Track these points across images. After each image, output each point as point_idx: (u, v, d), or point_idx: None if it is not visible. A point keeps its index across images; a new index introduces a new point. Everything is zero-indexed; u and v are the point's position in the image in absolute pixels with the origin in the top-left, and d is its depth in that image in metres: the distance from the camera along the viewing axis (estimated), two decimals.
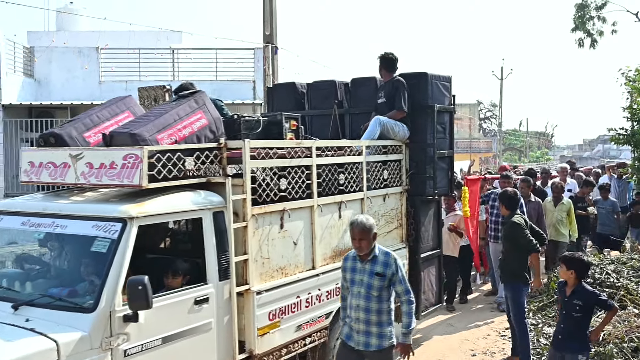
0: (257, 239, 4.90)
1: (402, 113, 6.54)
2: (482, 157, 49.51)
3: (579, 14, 26.21)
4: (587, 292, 5.23)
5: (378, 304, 4.55)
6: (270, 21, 12.47)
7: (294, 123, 5.47)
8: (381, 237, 6.33)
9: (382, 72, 6.77)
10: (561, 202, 9.93)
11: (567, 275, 5.25)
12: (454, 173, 7.21)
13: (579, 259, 5.29)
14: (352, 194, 5.93)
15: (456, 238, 9.10)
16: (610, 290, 7.44)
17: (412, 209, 6.78)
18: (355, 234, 4.50)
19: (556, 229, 9.84)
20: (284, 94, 7.55)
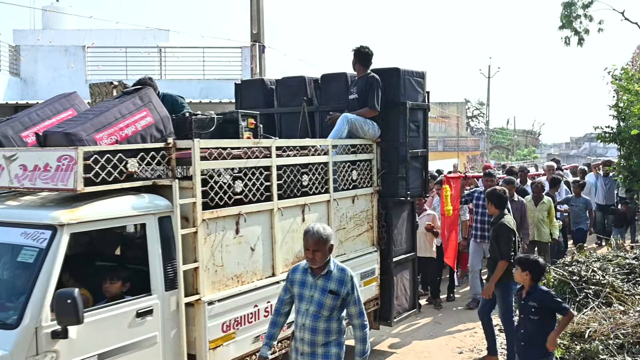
0: (209, 245, 4.51)
1: (373, 112, 6.17)
2: (469, 155, 49.32)
3: (566, 12, 26.02)
4: (541, 292, 5.00)
5: (327, 323, 4.01)
6: (257, 20, 12.30)
7: (252, 121, 5.08)
8: (350, 241, 5.99)
9: (356, 66, 6.37)
10: (542, 201, 9.71)
11: (523, 277, 5.07)
12: (428, 173, 6.83)
13: (534, 261, 5.08)
14: (317, 196, 5.56)
15: (432, 238, 8.76)
16: (596, 287, 7.36)
17: (383, 210, 6.41)
18: (309, 244, 3.96)
19: (538, 228, 9.64)
20: (253, 91, 7.16)
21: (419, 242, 8.58)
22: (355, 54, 6.32)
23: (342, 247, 5.91)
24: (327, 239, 3.97)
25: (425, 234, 8.62)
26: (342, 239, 5.91)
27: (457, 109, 52.39)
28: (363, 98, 6.18)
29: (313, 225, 4.05)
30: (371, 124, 6.17)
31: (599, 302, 7.03)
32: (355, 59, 6.32)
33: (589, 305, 7.00)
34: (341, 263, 4.25)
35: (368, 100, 6.16)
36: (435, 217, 8.81)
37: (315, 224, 4.10)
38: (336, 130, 5.97)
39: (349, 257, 5.95)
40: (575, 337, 6.32)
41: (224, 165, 4.63)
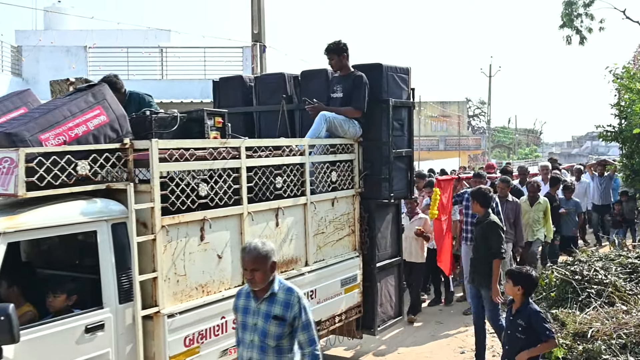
0: (169, 253, 4.17)
1: (357, 112, 5.82)
2: (470, 154, 48.93)
3: (567, 11, 25.83)
4: (531, 311, 4.61)
5: (277, 356, 3.46)
6: (258, 19, 12.17)
7: (220, 120, 4.73)
8: (329, 246, 5.64)
9: (333, 62, 5.97)
10: (537, 202, 9.38)
11: (514, 292, 4.72)
12: (413, 174, 6.47)
13: (527, 274, 4.70)
14: (293, 199, 5.20)
15: (422, 243, 8.38)
16: (598, 287, 7.24)
17: (366, 213, 6.05)
18: (247, 263, 3.44)
19: (532, 229, 9.32)
20: (231, 88, 6.80)
21: (410, 247, 8.23)
22: (330, 50, 5.93)
23: (321, 253, 5.56)
24: (266, 256, 3.44)
25: (415, 239, 8.26)
26: (321, 244, 5.56)
27: (458, 108, 51.99)
28: (348, 98, 5.83)
29: (251, 241, 3.56)
30: (352, 123, 5.82)
31: (601, 302, 6.91)
32: (332, 55, 5.94)
33: (591, 305, 6.89)
34: (287, 281, 3.71)
35: (353, 99, 5.80)
36: (427, 221, 8.43)
37: (254, 239, 3.62)
38: (313, 129, 5.62)
39: (328, 263, 5.61)
40: (578, 337, 6.20)
41: (187, 167, 4.29)
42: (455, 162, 38.39)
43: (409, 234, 8.24)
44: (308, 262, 5.39)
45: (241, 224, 4.71)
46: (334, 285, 5.67)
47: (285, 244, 5.14)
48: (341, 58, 5.93)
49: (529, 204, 9.37)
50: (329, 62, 6.00)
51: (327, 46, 5.92)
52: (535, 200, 9.41)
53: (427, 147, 46.46)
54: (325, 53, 5.94)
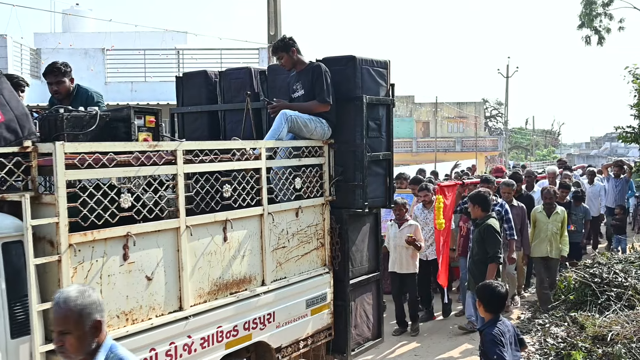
0: (81, 276, 3.47)
1: (324, 106, 5.09)
2: (487, 155, 47.79)
3: (586, 11, 25.16)
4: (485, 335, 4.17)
5: None
6: (274, 21, 11.91)
7: (152, 119, 4.02)
8: (293, 262, 4.90)
9: (284, 61, 5.26)
10: (555, 212, 8.27)
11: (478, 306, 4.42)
12: (392, 180, 5.70)
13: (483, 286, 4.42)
14: (245, 210, 4.48)
15: (414, 252, 7.60)
16: (618, 290, 7.15)
17: (337, 224, 5.30)
18: (54, 322, 2.44)
19: (551, 243, 8.17)
20: (195, 85, 6.10)
21: (400, 257, 7.49)
22: (280, 48, 5.22)
23: (282, 270, 4.83)
24: (81, 313, 2.38)
25: (406, 248, 7.49)
26: (282, 259, 4.83)
27: (475, 109, 50.87)
28: (311, 93, 5.10)
29: (64, 290, 2.47)
30: (318, 122, 5.09)
31: (621, 305, 6.81)
32: (282, 54, 5.22)
33: (610, 308, 6.81)
34: (123, 350, 2.56)
35: (316, 92, 5.08)
36: (418, 229, 7.68)
37: (70, 286, 2.56)
38: (273, 130, 4.89)
39: (290, 281, 4.87)
40: (597, 341, 6.12)
41: (104, 175, 3.59)
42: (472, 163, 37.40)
43: (399, 242, 7.51)
44: (265, 281, 4.66)
45: (177, 239, 4.00)
46: (297, 306, 4.94)
47: (235, 261, 4.42)
48: (291, 54, 5.22)
49: (545, 214, 8.31)
50: (280, 62, 5.28)
51: (272, 46, 5.23)
52: (552, 210, 8.30)
53: (444, 149, 45.47)
54: (273, 54, 5.25)
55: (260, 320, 4.59)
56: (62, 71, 5.03)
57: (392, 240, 7.70)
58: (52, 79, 5.02)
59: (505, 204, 7.84)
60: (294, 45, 5.24)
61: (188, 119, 6.09)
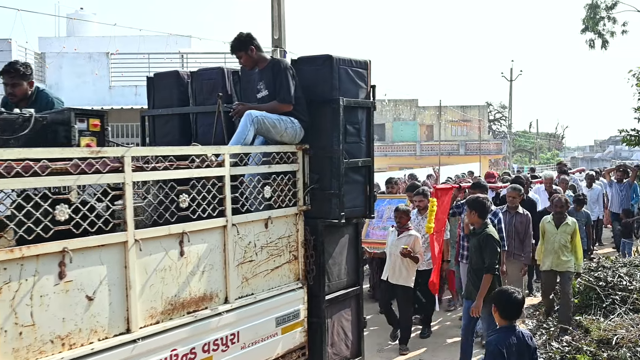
0: (7, 297, 3.06)
1: (285, 106, 4.67)
2: (491, 159, 47.26)
3: (590, 15, 24.85)
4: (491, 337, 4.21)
5: None
6: (278, 25, 11.62)
7: (96, 122, 3.61)
8: (261, 277, 4.49)
9: (243, 60, 4.86)
10: (565, 222, 7.45)
11: (497, 317, 4.33)
12: (373, 188, 5.27)
13: (499, 292, 4.45)
14: (205, 222, 4.06)
15: (411, 264, 7.08)
16: (623, 293, 7.11)
17: (312, 236, 4.87)
18: None
19: (558, 256, 7.36)
20: (166, 86, 5.69)
21: (394, 266, 7.03)
22: (238, 47, 4.80)
23: (249, 286, 4.40)
24: None
25: (402, 259, 6.99)
26: (249, 274, 4.40)
27: (478, 112, 50.32)
28: (274, 93, 4.69)
29: None
30: (288, 122, 4.66)
31: (626, 309, 6.77)
32: (241, 53, 4.81)
33: (615, 312, 6.77)
34: None
35: (277, 90, 4.66)
36: (418, 240, 7.12)
37: None
38: (238, 133, 4.47)
39: (258, 297, 4.45)
40: (602, 344, 6.08)
41: (35, 184, 3.18)
42: (476, 166, 36.84)
43: (394, 251, 7.04)
44: (229, 298, 4.24)
45: (125, 254, 3.58)
46: (266, 324, 4.51)
47: (194, 277, 4.00)
48: (250, 52, 4.81)
49: (554, 224, 7.47)
50: (239, 62, 4.87)
51: (230, 45, 4.80)
52: (562, 220, 7.47)
53: (448, 152, 44.96)
54: (232, 53, 4.83)
55: (222, 342, 4.16)
56: (20, 73, 4.64)
57: (388, 247, 7.23)
58: (8, 80, 4.63)
59: (499, 213, 7.34)
60: (253, 43, 4.82)
61: (159, 122, 5.69)
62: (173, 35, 22.43)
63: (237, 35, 4.85)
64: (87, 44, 23.37)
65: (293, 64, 4.97)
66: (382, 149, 46.15)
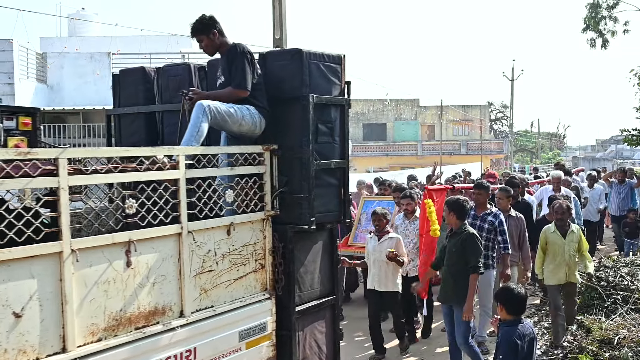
0: None
1: (241, 91, 4.27)
2: (493, 158, 46.77)
3: (591, 14, 24.50)
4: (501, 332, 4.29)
5: None
6: (280, 25, 11.50)
7: (27, 121, 3.24)
8: (223, 288, 4.12)
9: (204, 44, 4.45)
10: (570, 231, 6.72)
11: (499, 310, 4.42)
12: (348, 191, 4.87)
13: (504, 289, 4.48)
14: (156, 229, 3.67)
15: (396, 268, 6.71)
16: (624, 293, 7.05)
17: (281, 243, 4.48)
18: None
19: (569, 267, 6.68)
20: (132, 83, 5.30)
21: (379, 273, 6.64)
22: (199, 30, 4.40)
23: (208, 298, 4.01)
24: None
25: (387, 263, 6.62)
26: (208, 285, 4.01)
27: (480, 112, 49.82)
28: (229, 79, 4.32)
29: None
30: (245, 110, 4.27)
31: (627, 308, 6.70)
32: (202, 37, 4.42)
33: (617, 312, 6.71)
34: None
35: (232, 76, 4.28)
36: (400, 242, 6.79)
37: None
38: (191, 127, 4.06)
39: (218, 310, 4.05)
40: (604, 344, 6.04)
41: None
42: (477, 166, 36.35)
43: (379, 257, 6.66)
44: (184, 311, 3.84)
45: (60, 266, 3.19)
46: (227, 339, 4.12)
47: (143, 290, 3.61)
48: (212, 37, 4.41)
49: (559, 234, 6.72)
50: (200, 47, 4.47)
51: (191, 28, 4.40)
52: (566, 228, 6.73)
53: (449, 152, 44.51)
54: (193, 37, 4.43)
55: (176, 359, 3.77)
56: None
57: (371, 255, 6.82)
58: None
59: (500, 214, 6.98)
60: (216, 27, 4.42)
61: (125, 121, 5.31)
62: (174, 35, 22.23)
63: (199, 17, 4.43)
64: (88, 44, 23.24)
65: (261, 58, 4.58)
66: (384, 148, 45.76)
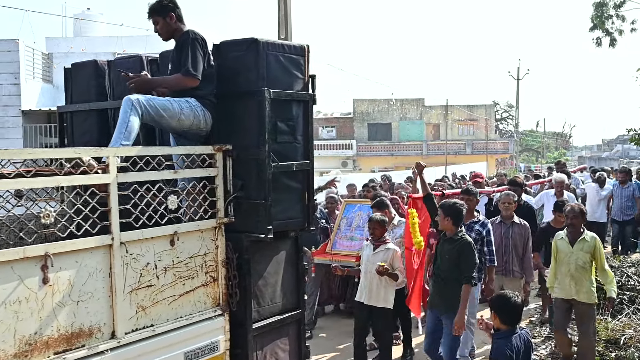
0: None
1: (189, 79, 3.80)
2: (498, 158, 46.01)
3: (597, 13, 23.81)
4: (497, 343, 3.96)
5: None
6: (285, 25, 11.16)
7: None
8: (165, 305, 3.64)
9: (159, 27, 4.00)
10: (582, 238, 5.74)
11: (497, 323, 4.07)
12: (313, 196, 4.34)
13: (498, 297, 4.14)
14: (78, 240, 3.16)
15: (390, 283, 5.93)
16: (631, 293, 6.93)
17: (236, 254, 3.96)
18: None
19: (577, 282, 5.68)
20: (84, 77, 4.80)
21: (370, 285, 5.91)
22: (156, 10, 3.95)
23: (146, 316, 3.50)
24: None
25: (379, 278, 5.85)
26: (146, 302, 3.51)
27: (485, 112, 49.00)
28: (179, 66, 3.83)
29: None
30: (184, 103, 3.79)
31: (634, 309, 6.62)
32: (158, 19, 3.95)
33: (623, 312, 6.60)
34: None
35: (181, 63, 3.81)
36: (397, 254, 5.95)
37: None
38: (119, 124, 3.57)
39: (159, 330, 3.54)
40: (610, 344, 5.93)
41: None
42: (483, 166, 35.63)
43: (370, 268, 5.89)
44: (116, 332, 3.34)
45: None
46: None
47: (63, 310, 3.11)
48: (168, 20, 3.94)
49: (567, 241, 5.81)
50: (155, 29, 4.00)
51: (149, 8, 3.92)
52: (578, 235, 5.77)
53: (454, 152, 43.81)
54: (149, 18, 3.95)
55: None
56: None
57: (363, 264, 6.07)
58: None
59: (487, 223, 6.28)
60: (175, 10, 3.96)
61: (77, 119, 4.83)
62: None
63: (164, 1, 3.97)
64: (94, 44, 23.02)
65: (215, 49, 4.08)
66: (389, 148, 45.15)
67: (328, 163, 41.42)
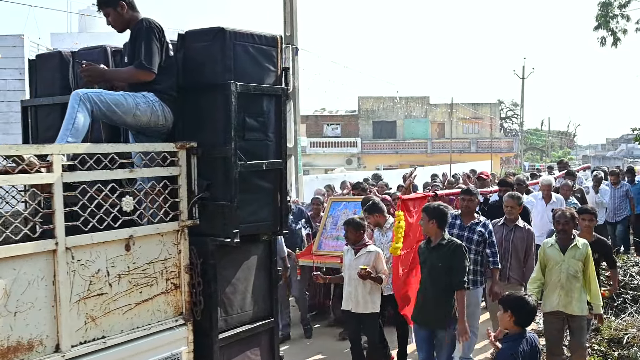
0: None
1: (143, 73, 3.49)
2: (503, 157, 45.46)
3: (602, 12, 23.28)
4: None
5: None
6: (290, 22, 11.15)
7: None
8: (119, 315, 3.30)
9: (111, 19, 3.71)
10: (573, 245, 5.32)
11: (504, 319, 3.86)
12: (285, 197, 3.99)
13: (515, 297, 3.93)
14: (15, 246, 2.84)
15: (375, 287, 5.64)
16: (634, 292, 6.91)
17: (200, 259, 3.63)
18: None
19: (567, 292, 5.25)
20: (49, 69, 4.46)
21: (355, 292, 5.60)
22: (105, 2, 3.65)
23: (97, 327, 3.18)
24: None
25: (363, 283, 5.56)
26: (97, 312, 3.18)
27: (490, 110, 48.41)
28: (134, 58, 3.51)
29: None
30: (140, 97, 3.48)
31: (637, 308, 6.61)
32: (109, 10, 3.66)
33: (627, 311, 6.61)
34: None
35: (135, 54, 3.51)
36: (380, 257, 5.66)
37: None
38: (66, 121, 3.26)
39: (110, 342, 3.21)
40: (613, 344, 5.89)
41: None
42: (487, 164, 35.11)
43: (354, 274, 5.58)
44: (60, 345, 3.02)
45: None
46: None
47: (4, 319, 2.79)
48: (120, 10, 3.62)
49: (558, 248, 5.35)
50: (107, 22, 3.68)
51: (97, 0, 3.60)
52: (569, 242, 5.34)
53: (459, 150, 43.29)
54: (99, 10, 3.65)
55: None
56: None
57: (346, 270, 5.77)
58: None
59: (488, 224, 5.92)
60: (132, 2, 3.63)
61: (41, 113, 4.51)
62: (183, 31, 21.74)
63: None
64: (98, 40, 22.72)
65: (180, 39, 3.74)
66: (394, 146, 44.69)
67: (332, 160, 41.08)
